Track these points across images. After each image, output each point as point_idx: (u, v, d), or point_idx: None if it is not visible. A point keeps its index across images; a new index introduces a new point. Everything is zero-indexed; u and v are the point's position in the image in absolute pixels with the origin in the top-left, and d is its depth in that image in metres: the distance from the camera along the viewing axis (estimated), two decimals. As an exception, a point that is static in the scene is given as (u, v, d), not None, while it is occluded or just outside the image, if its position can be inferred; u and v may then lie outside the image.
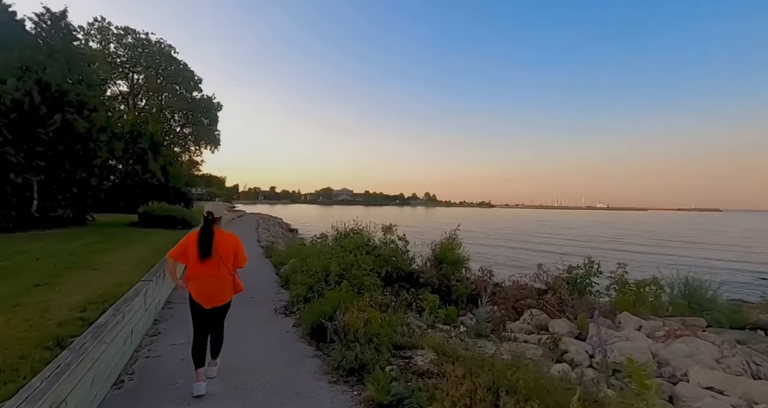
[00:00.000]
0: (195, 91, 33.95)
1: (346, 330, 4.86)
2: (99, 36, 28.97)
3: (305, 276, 7.59)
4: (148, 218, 16.64)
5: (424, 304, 6.67)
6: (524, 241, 34.13)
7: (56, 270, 6.33)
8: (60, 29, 16.49)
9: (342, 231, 10.39)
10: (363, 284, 6.70)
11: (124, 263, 7.36)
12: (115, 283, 5.52)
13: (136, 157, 27.97)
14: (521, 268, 18.46)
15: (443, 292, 8.34)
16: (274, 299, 8.18)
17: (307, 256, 9.29)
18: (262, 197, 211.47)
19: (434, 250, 9.63)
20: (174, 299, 7.62)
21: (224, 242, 3.58)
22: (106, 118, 16.76)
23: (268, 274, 11.47)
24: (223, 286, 3.59)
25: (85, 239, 11.51)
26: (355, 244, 8.01)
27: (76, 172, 15.19)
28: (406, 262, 8.56)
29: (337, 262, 7.18)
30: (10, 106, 13.37)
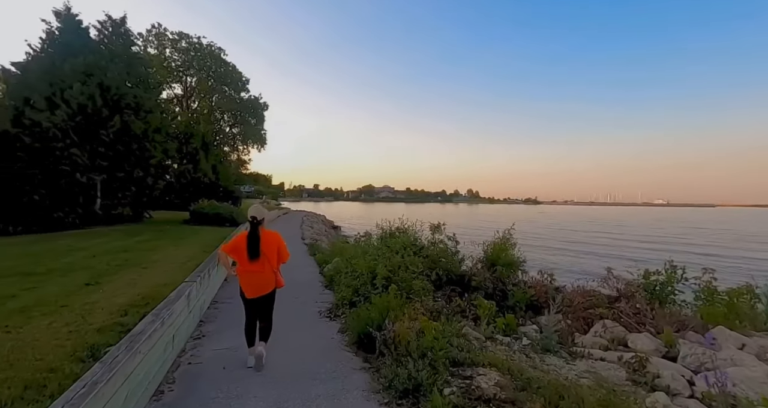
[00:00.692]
0: (243, 92, 35.01)
1: (396, 341, 4.39)
2: (156, 42, 30.60)
3: (350, 278, 7.23)
4: (199, 216, 17.17)
5: (479, 312, 6.06)
6: (578, 241, 31.96)
7: (109, 268, 6.40)
8: (120, 35, 17.40)
9: (387, 230, 9.95)
10: (412, 288, 6.21)
11: (172, 262, 7.37)
12: (160, 283, 5.42)
13: (188, 156, 29.27)
14: (580, 272, 17.18)
15: (498, 297, 7.66)
16: (318, 300, 7.90)
17: (351, 256, 8.95)
18: (306, 195, 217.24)
19: (486, 251, 8.94)
20: (220, 298, 7.55)
21: (268, 242, 4.00)
22: (161, 120, 17.48)
23: (312, 272, 11.30)
24: (266, 281, 4.04)
25: (140, 236, 11.92)
26: (401, 245, 7.53)
27: (133, 172, 15.94)
28: (457, 263, 7.95)
29: (384, 264, 6.74)
30: (76, 110, 14.20)
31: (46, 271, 6.08)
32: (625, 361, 4.69)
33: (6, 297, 4.45)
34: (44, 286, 5.12)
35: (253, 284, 4.00)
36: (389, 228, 10.03)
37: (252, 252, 3.85)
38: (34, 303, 4.15)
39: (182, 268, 6.68)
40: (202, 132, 29.59)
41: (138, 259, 7.35)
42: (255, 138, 37.11)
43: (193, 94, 34.10)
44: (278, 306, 6.24)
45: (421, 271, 6.68)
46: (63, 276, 5.77)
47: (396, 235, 8.46)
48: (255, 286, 4.01)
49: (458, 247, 8.80)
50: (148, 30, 30.13)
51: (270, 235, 4.09)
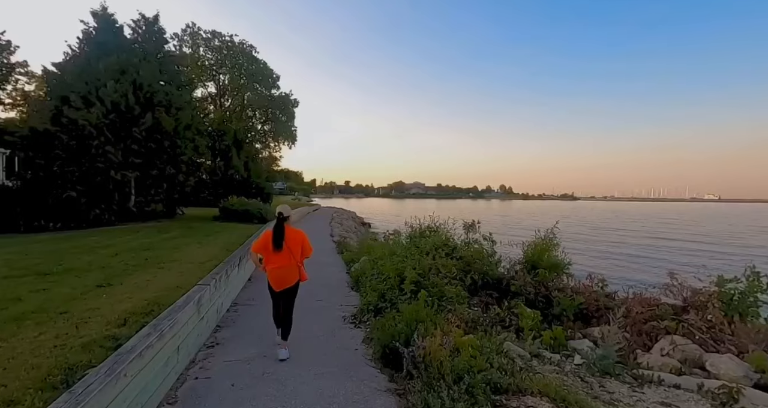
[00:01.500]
0: (273, 89, 35.23)
1: (427, 361, 3.77)
2: (191, 41, 31.25)
3: (377, 281, 6.67)
4: (228, 212, 17.20)
5: (522, 323, 5.34)
6: (623, 243, 29.88)
7: (126, 268, 6.17)
8: (153, 33, 17.63)
9: (417, 228, 9.30)
10: (444, 295, 5.56)
11: (191, 261, 7.09)
12: (173, 285, 5.07)
13: (221, 154, 29.75)
14: (629, 278, 15.77)
15: (540, 304, 6.86)
16: (342, 303, 7.40)
17: (378, 257, 8.38)
18: (337, 191, 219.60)
19: (526, 252, 8.13)
20: (241, 300, 7.19)
21: (293, 238, 4.37)
22: (192, 116, 17.60)
23: (338, 272, 10.84)
24: (291, 273, 4.36)
25: (168, 233, 11.90)
26: (432, 245, 6.87)
27: (165, 169, 16.12)
28: (494, 266, 7.20)
29: (412, 266, 6.12)
30: (110, 108, 14.44)
31: (63, 270, 5.90)
32: (708, 390, 3.85)
33: (11, 300, 4.20)
34: (55, 287, 4.88)
35: (280, 277, 4.36)
36: (419, 226, 9.38)
37: (276, 243, 4.23)
38: (35, 308, 3.86)
39: (200, 269, 6.35)
40: (234, 129, 29.95)
41: (158, 258, 7.12)
42: (286, 135, 37.32)
43: (226, 92, 34.64)
44: (300, 309, 5.63)
45: (454, 276, 6.00)
46: (78, 276, 5.55)
47: (426, 235, 7.79)
48: (281, 280, 4.37)
49: (493, 247, 8.03)
50: (183, 30, 30.88)
51: (295, 232, 4.46)
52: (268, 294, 4.58)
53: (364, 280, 8.42)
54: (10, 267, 6.24)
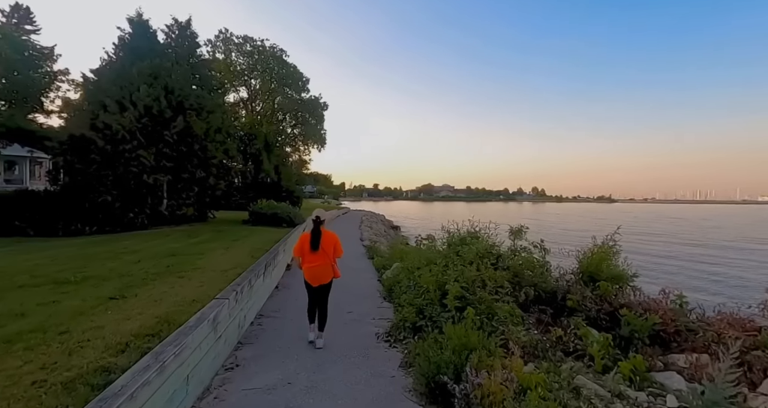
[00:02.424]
0: (303, 92, 35.32)
1: (485, 403, 3.02)
2: (223, 47, 31.82)
3: (413, 293, 5.96)
4: (257, 216, 16.99)
5: (592, 349, 4.46)
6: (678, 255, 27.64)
7: (145, 277, 5.77)
8: (185, 38, 17.80)
9: (455, 234, 8.48)
10: (495, 313, 4.77)
11: (215, 268, 6.63)
12: (189, 298, 4.57)
13: (252, 157, 29.96)
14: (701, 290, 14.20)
15: (604, 323, 5.90)
16: (375, 316, 6.73)
17: (413, 265, 7.66)
18: (366, 194, 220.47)
19: (581, 260, 7.15)
20: (267, 311, 6.66)
21: (327, 239, 4.87)
22: (222, 120, 17.56)
23: (369, 279, 10.21)
24: (326, 271, 4.85)
25: (197, 237, 11.67)
26: (476, 253, 6.07)
27: (196, 172, 16.08)
28: (548, 278, 6.30)
29: (454, 277, 5.35)
30: (143, 112, 14.52)
31: (81, 278, 5.57)
32: None
33: (14, 316, 3.82)
34: (66, 299, 4.49)
35: (316, 275, 4.83)
36: (458, 231, 8.57)
37: (314, 244, 4.77)
38: (35, 327, 3.42)
39: (222, 278, 5.86)
40: (265, 133, 30.11)
41: (181, 266, 6.72)
42: (315, 138, 37.32)
43: (257, 96, 35.04)
44: (330, 324, 5.46)
45: (506, 291, 5.17)
46: (95, 286, 5.18)
47: (467, 241, 6.99)
48: (317, 276, 4.84)
49: (540, 254, 7.09)
50: (216, 36, 31.50)
51: (329, 235, 4.98)
52: (294, 304, 5.37)
53: (397, 290, 7.73)
54: (32, 274, 5.99)
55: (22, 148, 17.12)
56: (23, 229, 13.60)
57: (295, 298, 7.63)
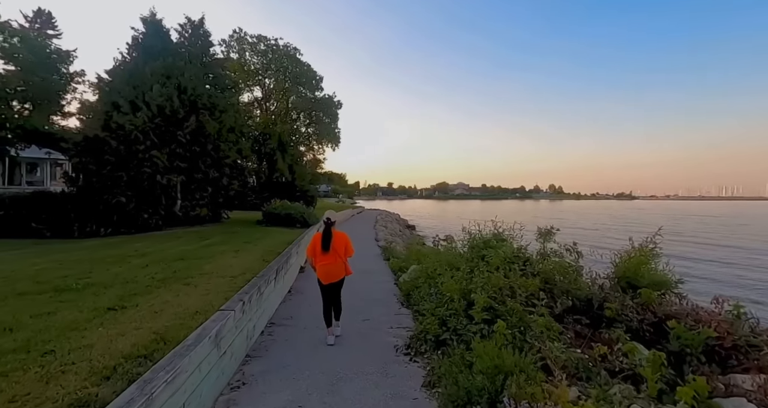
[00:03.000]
0: (317, 91, 35.06)
1: (529, 445, 2.53)
2: (237, 46, 31.77)
3: (435, 302, 5.48)
4: (271, 216, 16.73)
5: (642, 370, 3.91)
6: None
7: (150, 283, 5.46)
8: (199, 36, 17.63)
9: (477, 235, 7.94)
10: (528, 326, 4.25)
11: (223, 274, 6.29)
12: (192, 309, 4.21)
13: (266, 157, 29.87)
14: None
15: (647, 336, 5.31)
16: (393, 324, 6.29)
17: (433, 269, 7.18)
18: (380, 193, 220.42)
19: (617, 264, 6.55)
20: (278, 319, 6.29)
21: (338, 239, 5.11)
22: (235, 119, 17.35)
23: (386, 282, 9.78)
24: (338, 269, 5.09)
25: (209, 239, 11.43)
26: (503, 258, 5.55)
27: (209, 172, 15.90)
28: (582, 284, 5.72)
29: (481, 285, 4.85)
30: (156, 112, 14.39)
31: (84, 285, 5.28)
32: None
33: (2, 331, 3.48)
34: (62, 310, 4.19)
35: (328, 273, 5.03)
36: (479, 232, 8.02)
37: (325, 245, 4.97)
38: (20, 345, 3.12)
39: (231, 285, 5.50)
40: (279, 132, 29.95)
41: (188, 271, 6.41)
42: (329, 137, 37.04)
43: (271, 95, 34.94)
44: (344, 333, 5.47)
45: (540, 300, 4.64)
46: (96, 294, 4.88)
47: (492, 244, 6.46)
48: (329, 275, 5.03)
49: (572, 257, 6.49)
50: (230, 35, 31.43)
51: (340, 235, 5.18)
52: (308, 311, 5.43)
53: (416, 295, 7.28)
54: (35, 280, 5.75)
55: (40, 149, 17.30)
56: (40, 231, 13.65)
57: (309, 303, 7.26)
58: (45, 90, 16.04)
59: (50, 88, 15.98)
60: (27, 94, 15.76)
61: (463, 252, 8.12)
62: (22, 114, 15.82)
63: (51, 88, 16.05)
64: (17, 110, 15.67)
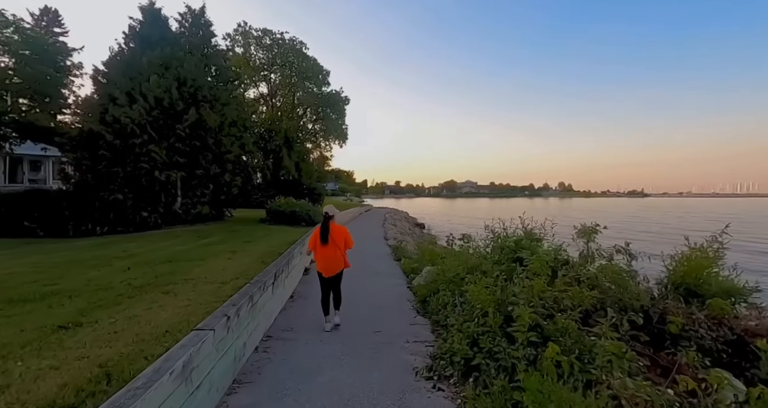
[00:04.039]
0: (323, 86, 34.23)
1: None
2: (242, 40, 31.04)
3: (462, 315, 4.57)
4: (275, 214, 15.95)
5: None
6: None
7: (124, 292, 4.65)
8: (199, 26, 16.85)
9: (502, 234, 6.97)
10: (590, 351, 3.32)
11: (212, 279, 5.47)
12: (164, 327, 3.40)
13: (272, 154, 29.10)
14: None
15: (723, 357, 4.34)
16: (409, 337, 5.39)
17: (456, 274, 6.25)
18: (388, 192, 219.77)
19: (674, 269, 5.54)
20: (277, 331, 5.41)
21: (337, 233, 5.28)
22: (237, 112, 16.54)
23: (397, 286, 8.87)
24: (337, 262, 5.26)
25: (207, 238, 10.65)
26: (544, 262, 4.60)
27: (210, 168, 15.13)
28: (643, 294, 4.74)
29: (526, 298, 3.91)
30: (153, 104, 13.64)
31: (45, 294, 4.48)
32: None
33: None
34: (6, 327, 3.31)
35: (328, 265, 5.22)
36: (504, 231, 7.06)
37: (323, 238, 5.16)
38: None
39: (218, 293, 4.66)
40: (285, 128, 29.17)
41: (173, 275, 5.59)
42: (336, 133, 36.21)
43: (277, 91, 34.20)
44: (355, 347, 4.85)
45: (611, 319, 3.66)
46: (53, 306, 4.09)
47: (525, 244, 5.51)
48: (329, 267, 5.23)
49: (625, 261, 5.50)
50: (235, 29, 30.73)
51: (339, 228, 5.40)
52: (311, 320, 5.33)
53: (434, 302, 6.37)
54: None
55: (35, 145, 16.70)
56: (33, 230, 13.01)
57: (313, 311, 6.40)
58: (42, 83, 15.39)
59: (47, 81, 15.30)
60: (22, 87, 15.12)
61: (485, 253, 7.21)
62: (17, 108, 15.18)
63: (48, 81, 15.37)
64: (12, 104, 15.02)
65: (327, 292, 5.32)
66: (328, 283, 5.28)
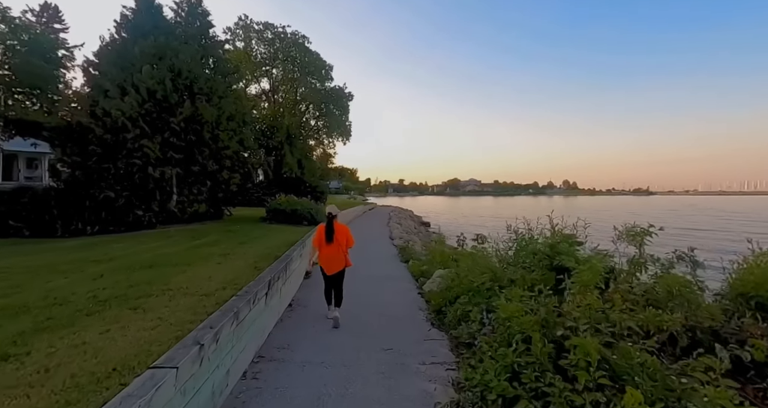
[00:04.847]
0: (327, 81, 33.36)
1: None
2: (243, 34, 30.20)
3: (493, 334, 3.74)
4: (276, 213, 15.15)
5: None
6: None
7: (83, 307, 3.86)
8: (196, 15, 16.05)
9: (525, 235, 6.11)
10: (677, 400, 2.49)
11: (194, 290, 4.68)
12: (114, 362, 2.62)
13: (274, 151, 28.33)
14: None
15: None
16: (425, 358, 4.55)
17: (482, 283, 5.39)
18: (391, 190, 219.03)
19: (740, 276, 4.66)
20: (270, 349, 4.61)
21: (340, 232, 5.43)
22: (235, 106, 15.74)
23: (407, 290, 8.03)
24: (339, 260, 5.40)
25: (201, 239, 9.87)
26: (598, 273, 3.74)
27: (207, 164, 14.34)
28: (715, 312, 3.86)
29: (588, 322, 3.04)
30: (146, 96, 12.87)
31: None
32: None
33: None
34: None
35: (330, 263, 5.37)
36: (529, 232, 6.20)
37: (328, 237, 5.31)
38: None
39: (198, 308, 3.85)
40: (287, 124, 28.35)
41: (149, 285, 4.79)
42: (340, 130, 35.30)
43: (279, 87, 33.37)
44: (361, 370, 4.23)
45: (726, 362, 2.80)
46: None
47: (565, 249, 4.65)
48: (331, 264, 5.37)
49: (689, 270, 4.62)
50: (236, 23, 29.85)
51: (341, 227, 5.54)
52: (312, 333, 5.09)
53: (452, 315, 5.55)
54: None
55: (25, 141, 15.99)
56: (19, 230, 12.30)
57: (313, 322, 5.63)
58: (31, 75, 14.66)
59: (36, 73, 14.56)
60: (8, 78, 14.39)
61: (507, 256, 6.37)
62: (4, 101, 14.47)
63: (37, 73, 14.63)
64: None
65: (329, 288, 5.51)
66: (330, 280, 5.45)
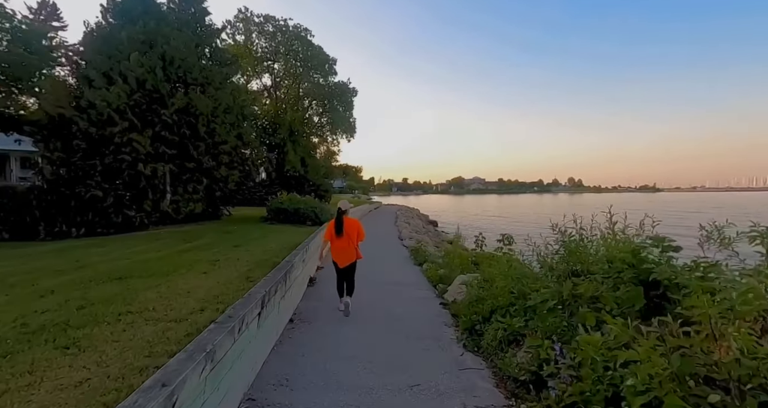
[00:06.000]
0: (330, 76, 32.23)
1: None
2: (243, 28, 29.15)
3: (589, 386, 2.64)
4: (277, 212, 14.08)
5: None
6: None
7: (11, 341, 2.68)
8: (191, 2, 14.98)
9: (579, 238, 4.98)
10: None
11: (164, 313, 3.64)
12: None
13: (276, 149, 27.30)
14: None
15: None
16: (466, 400, 3.38)
17: (542, 302, 4.23)
18: (395, 189, 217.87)
19: None
20: (262, 388, 3.46)
21: (350, 225, 5.50)
22: (233, 97, 14.65)
23: (426, 299, 6.80)
24: (350, 253, 5.46)
25: (193, 242, 8.81)
26: (762, 295, 2.59)
27: (203, 161, 13.28)
28: None
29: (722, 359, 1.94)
30: (135, 87, 11.81)
31: None
32: None
33: None
34: None
35: (342, 256, 5.41)
36: (580, 233, 5.06)
37: (338, 230, 5.37)
38: None
39: (156, 345, 2.78)
40: (289, 121, 27.27)
41: (111, 303, 3.74)
42: (344, 127, 34.15)
43: (281, 82, 32.28)
44: None
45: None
46: None
47: (646, 258, 3.51)
48: (343, 257, 5.41)
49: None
50: (236, 16, 28.76)
51: (352, 221, 5.60)
52: (317, 359, 4.20)
53: (490, 335, 4.41)
54: None
55: (7, 136, 15.00)
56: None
57: (319, 346, 4.49)
58: (12, 65, 13.63)
59: (16, 63, 13.51)
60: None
61: (551, 262, 5.25)
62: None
63: (18, 63, 13.58)
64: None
65: (342, 280, 5.52)
66: (342, 272, 5.48)
